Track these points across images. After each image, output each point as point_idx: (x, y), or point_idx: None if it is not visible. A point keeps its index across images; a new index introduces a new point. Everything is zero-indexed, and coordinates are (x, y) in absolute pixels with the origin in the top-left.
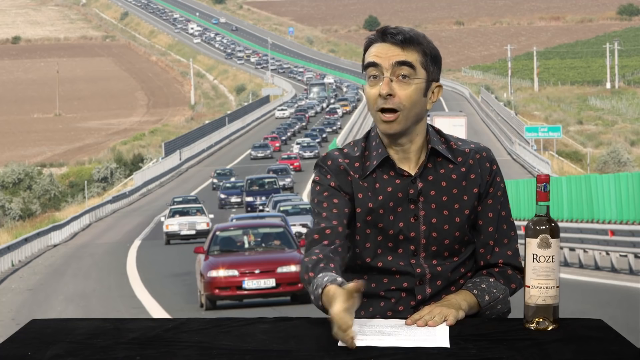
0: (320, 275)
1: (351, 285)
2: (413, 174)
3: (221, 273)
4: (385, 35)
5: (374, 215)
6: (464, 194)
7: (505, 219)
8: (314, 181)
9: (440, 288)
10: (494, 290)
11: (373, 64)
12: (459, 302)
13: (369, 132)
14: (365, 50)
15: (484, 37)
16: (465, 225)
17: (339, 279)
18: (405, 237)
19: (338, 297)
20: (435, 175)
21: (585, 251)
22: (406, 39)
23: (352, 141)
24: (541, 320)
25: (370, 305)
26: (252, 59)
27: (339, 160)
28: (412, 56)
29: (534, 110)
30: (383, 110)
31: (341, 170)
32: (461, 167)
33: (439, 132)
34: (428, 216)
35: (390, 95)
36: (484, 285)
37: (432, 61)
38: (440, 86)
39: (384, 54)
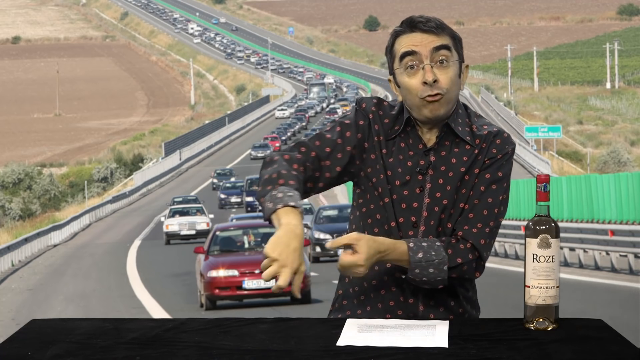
0: (281, 188)
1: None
2: (428, 147)
3: (221, 273)
4: (414, 24)
5: (385, 175)
6: (467, 173)
7: (489, 205)
8: (343, 114)
9: None
10: (433, 253)
11: (411, 53)
12: (379, 245)
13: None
14: (392, 43)
15: (484, 37)
16: (460, 204)
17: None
18: (408, 207)
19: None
20: (449, 151)
21: (585, 251)
22: (438, 25)
23: (395, 100)
24: (541, 320)
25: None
26: (252, 59)
27: (372, 108)
28: (446, 40)
29: (534, 110)
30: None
31: (369, 119)
32: (475, 149)
33: (469, 116)
34: (433, 189)
35: (435, 81)
36: (425, 244)
37: (459, 43)
38: (467, 66)
39: (420, 42)
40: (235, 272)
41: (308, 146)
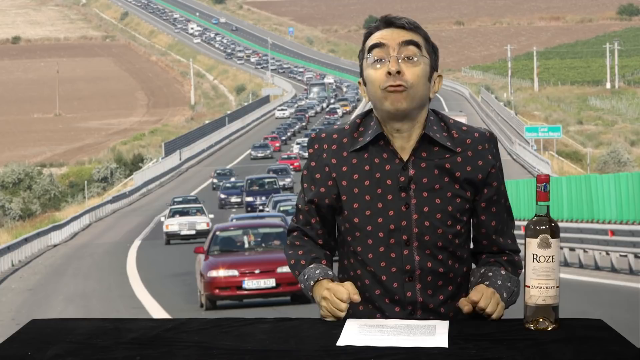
0: (312, 266)
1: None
2: (405, 160)
3: (221, 273)
4: (389, 21)
5: (361, 203)
6: (456, 182)
7: (506, 208)
8: (304, 166)
9: (430, 284)
10: (509, 284)
11: (379, 45)
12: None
13: (368, 112)
14: (366, 38)
15: (484, 37)
16: (457, 215)
17: (330, 272)
18: (397, 227)
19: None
20: (429, 162)
21: (585, 251)
22: (411, 23)
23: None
24: (541, 320)
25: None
26: (252, 59)
27: (324, 145)
28: (418, 38)
29: (534, 110)
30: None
31: (326, 153)
32: (458, 157)
33: (442, 120)
34: (420, 204)
35: (398, 72)
36: (500, 282)
37: (433, 49)
38: (440, 76)
39: (390, 35)
40: (235, 272)
41: (313, 225)
